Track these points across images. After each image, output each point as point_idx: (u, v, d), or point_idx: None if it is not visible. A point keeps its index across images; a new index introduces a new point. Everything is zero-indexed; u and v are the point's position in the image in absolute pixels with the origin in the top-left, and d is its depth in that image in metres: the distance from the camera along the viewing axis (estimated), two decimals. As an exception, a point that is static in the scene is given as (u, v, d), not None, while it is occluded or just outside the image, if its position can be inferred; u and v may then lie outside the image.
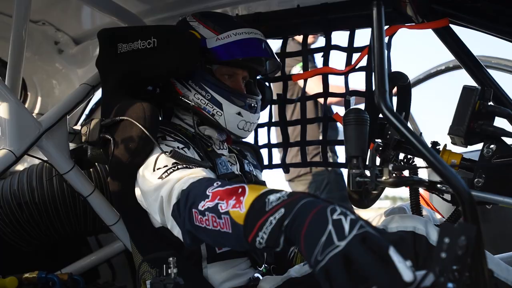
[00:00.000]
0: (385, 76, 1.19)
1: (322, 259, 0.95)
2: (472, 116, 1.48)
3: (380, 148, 1.54)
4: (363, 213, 1.87)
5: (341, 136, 2.45)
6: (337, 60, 2.20)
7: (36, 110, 2.77)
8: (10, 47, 1.96)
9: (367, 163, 1.35)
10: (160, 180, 1.45)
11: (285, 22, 2.20)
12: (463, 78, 1.99)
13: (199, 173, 1.45)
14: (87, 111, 2.86)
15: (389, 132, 1.55)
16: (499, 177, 1.48)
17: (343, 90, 2.10)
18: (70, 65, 2.72)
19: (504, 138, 1.51)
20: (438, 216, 1.78)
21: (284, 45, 2.24)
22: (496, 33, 1.85)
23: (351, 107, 1.50)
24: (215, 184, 1.30)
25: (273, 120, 2.30)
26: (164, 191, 1.42)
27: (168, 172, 1.46)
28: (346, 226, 0.96)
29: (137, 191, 1.61)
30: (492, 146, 1.49)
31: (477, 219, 1.05)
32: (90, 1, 2.16)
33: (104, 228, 2.39)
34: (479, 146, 1.54)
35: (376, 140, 1.63)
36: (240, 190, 1.23)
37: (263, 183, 1.93)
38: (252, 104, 1.77)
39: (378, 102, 1.18)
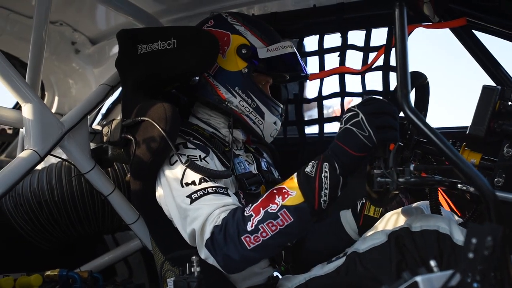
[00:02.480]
0: (408, 77, 1.20)
1: (367, 130, 1.33)
2: (492, 116, 1.47)
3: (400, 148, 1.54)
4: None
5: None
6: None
7: (53, 110, 2.81)
8: (31, 48, 1.99)
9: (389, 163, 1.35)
10: (188, 200, 1.51)
11: (301, 22, 2.22)
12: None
13: (228, 201, 1.51)
14: (103, 110, 2.89)
15: (409, 132, 1.55)
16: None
17: None
18: (86, 65, 2.75)
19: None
20: (456, 217, 1.78)
21: (300, 45, 2.24)
22: (514, 33, 1.84)
23: None
24: (247, 208, 1.44)
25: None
26: (197, 224, 1.48)
27: (198, 195, 1.50)
28: (350, 113, 1.38)
29: (158, 192, 1.63)
30: (512, 145, 1.48)
31: (502, 219, 1.06)
32: (107, 2, 2.18)
33: (121, 226, 2.43)
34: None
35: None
36: (275, 190, 1.41)
37: (279, 182, 1.94)
38: (282, 113, 1.86)
39: (401, 103, 1.19)
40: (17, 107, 2.75)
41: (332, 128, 2.44)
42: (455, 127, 2.16)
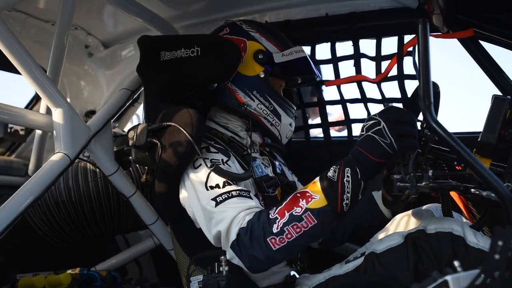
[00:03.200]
0: (430, 89, 1.28)
1: (389, 138, 1.43)
2: (503, 124, 1.56)
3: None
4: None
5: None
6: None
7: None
8: (52, 52, 2.04)
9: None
10: (213, 203, 1.57)
11: (314, 29, 2.29)
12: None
13: (252, 204, 1.58)
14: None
15: (423, 139, 1.63)
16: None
17: None
18: (98, 67, 2.80)
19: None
20: (463, 219, 1.86)
21: (312, 52, 2.32)
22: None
23: None
24: (271, 210, 1.51)
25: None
26: (222, 226, 1.54)
27: (223, 198, 1.57)
28: (371, 122, 1.47)
29: (182, 195, 1.69)
30: (521, 152, 1.57)
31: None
32: (123, 7, 2.22)
33: (134, 227, 2.49)
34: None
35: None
36: (298, 194, 1.49)
37: (293, 184, 2.01)
38: (295, 115, 1.93)
39: (424, 113, 1.27)
40: (29, 107, 2.83)
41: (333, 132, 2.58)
42: (464, 132, 2.25)
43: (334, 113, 3.16)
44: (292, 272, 1.80)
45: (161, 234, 2.04)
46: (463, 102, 4.63)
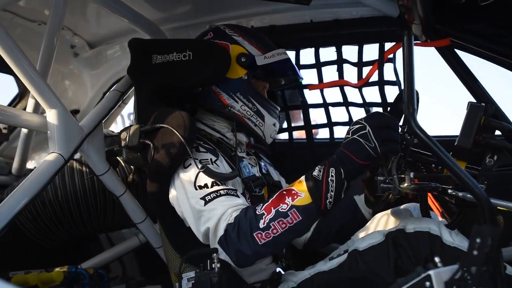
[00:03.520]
0: (414, 97, 1.37)
1: (374, 142, 1.51)
2: (477, 130, 1.66)
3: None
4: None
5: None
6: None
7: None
8: (41, 53, 2.06)
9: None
10: (202, 202, 1.64)
11: (298, 35, 2.37)
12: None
13: (239, 202, 1.66)
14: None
15: (404, 143, 1.73)
16: (499, 184, 1.68)
17: None
18: (83, 67, 2.82)
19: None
20: (439, 218, 1.97)
21: (297, 57, 2.40)
22: (493, 53, 2.04)
23: None
24: (258, 207, 1.58)
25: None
26: (211, 223, 1.61)
27: (211, 196, 1.64)
28: (356, 126, 1.56)
29: (172, 194, 1.74)
30: (494, 156, 1.68)
31: (495, 222, 1.24)
32: (111, 8, 2.25)
33: (119, 225, 2.52)
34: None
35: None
36: (284, 192, 1.56)
37: (278, 184, 2.08)
38: (279, 115, 2.00)
39: (408, 120, 1.36)
40: (15, 106, 2.82)
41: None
42: (441, 136, 2.36)
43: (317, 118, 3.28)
44: (278, 269, 1.87)
45: (149, 232, 2.08)
46: (441, 108, 4.80)
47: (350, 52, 2.35)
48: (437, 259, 1.21)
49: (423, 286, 1.10)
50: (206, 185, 1.67)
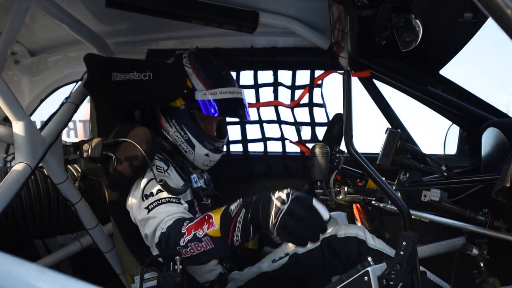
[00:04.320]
0: (352, 125, 1.67)
1: (277, 220, 1.49)
2: (395, 152, 2.01)
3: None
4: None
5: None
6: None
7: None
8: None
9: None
10: (146, 211, 1.78)
11: (239, 58, 2.61)
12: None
13: (175, 210, 1.78)
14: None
15: (336, 161, 2.03)
16: (410, 196, 2.04)
17: None
18: (23, 74, 2.83)
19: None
20: (359, 224, 2.31)
21: (237, 78, 2.64)
22: (403, 85, 2.44)
23: (316, 143, 1.96)
24: (185, 223, 1.67)
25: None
26: (149, 230, 1.75)
27: (154, 205, 1.78)
28: (284, 197, 1.52)
29: (128, 201, 1.89)
30: (406, 173, 2.04)
31: (411, 228, 1.58)
32: (58, 18, 2.27)
33: (56, 231, 2.57)
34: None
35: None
36: (206, 217, 1.64)
37: (217, 195, 2.28)
38: (219, 147, 2.16)
39: (346, 145, 1.66)
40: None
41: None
42: (367, 153, 2.71)
43: None
44: (223, 270, 2.09)
45: (99, 238, 2.20)
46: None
47: (285, 76, 2.64)
48: (370, 259, 1.51)
49: (362, 280, 1.39)
50: (151, 194, 1.81)
